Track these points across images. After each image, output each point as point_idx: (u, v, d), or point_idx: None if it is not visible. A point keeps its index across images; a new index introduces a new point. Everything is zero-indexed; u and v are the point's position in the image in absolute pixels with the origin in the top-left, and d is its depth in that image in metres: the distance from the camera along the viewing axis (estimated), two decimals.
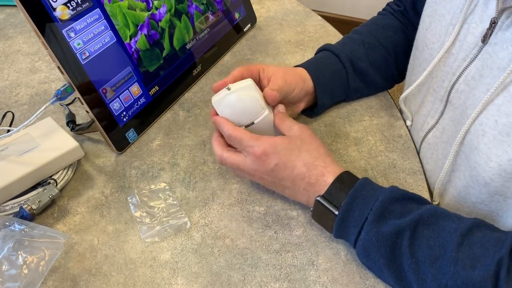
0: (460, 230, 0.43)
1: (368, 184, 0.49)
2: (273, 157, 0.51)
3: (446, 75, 0.57)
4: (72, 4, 0.57)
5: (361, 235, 0.47)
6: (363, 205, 0.47)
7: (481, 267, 0.41)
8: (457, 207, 0.56)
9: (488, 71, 0.49)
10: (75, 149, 0.59)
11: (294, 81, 0.61)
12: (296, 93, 0.61)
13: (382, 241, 0.45)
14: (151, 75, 0.68)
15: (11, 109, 0.71)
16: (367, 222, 0.46)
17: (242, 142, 0.52)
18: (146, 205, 0.56)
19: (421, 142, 0.64)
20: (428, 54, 0.61)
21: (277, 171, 0.51)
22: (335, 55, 0.67)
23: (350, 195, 0.48)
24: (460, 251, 0.42)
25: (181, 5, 0.73)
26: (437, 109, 0.60)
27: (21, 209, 0.53)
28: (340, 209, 0.48)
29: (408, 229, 0.45)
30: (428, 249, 0.44)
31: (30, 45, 0.86)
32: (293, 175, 0.51)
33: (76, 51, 0.57)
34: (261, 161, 0.51)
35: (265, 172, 0.52)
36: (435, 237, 0.44)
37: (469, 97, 0.52)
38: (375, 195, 0.48)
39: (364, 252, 0.47)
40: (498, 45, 0.48)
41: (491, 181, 0.48)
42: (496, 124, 0.47)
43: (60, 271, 0.51)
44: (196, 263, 0.51)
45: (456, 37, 0.54)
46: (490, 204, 0.51)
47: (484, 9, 0.51)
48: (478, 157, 0.49)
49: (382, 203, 0.47)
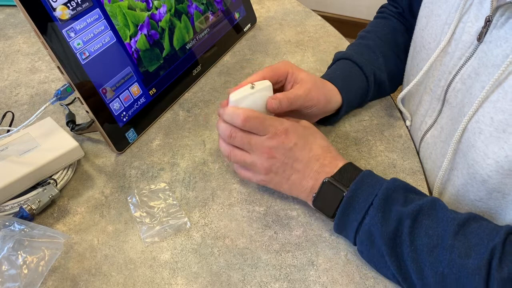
0: (458, 220, 0.45)
1: (372, 174, 0.51)
2: (294, 136, 0.52)
3: (443, 74, 0.57)
4: (72, 4, 0.57)
5: (365, 220, 0.48)
6: (368, 192, 0.48)
7: (475, 256, 0.42)
8: (456, 205, 0.56)
9: (484, 69, 0.49)
10: (75, 149, 0.59)
11: (317, 99, 0.58)
12: (312, 111, 0.59)
13: (386, 226, 0.46)
14: (151, 75, 0.68)
15: (11, 109, 0.71)
16: (373, 207, 0.47)
17: (264, 121, 0.51)
18: (146, 205, 0.56)
19: (420, 141, 0.64)
20: (425, 54, 0.61)
21: (295, 150, 0.52)
22: (359, 68, 0.65)
23: (356, 181, 0.49)
24: (456, 239, 0.43)
25: (181, 5, 0.73)
26: (434, 108, 0.60)
27: (21, 209, 0.53)
28: (349, 189, 0.49)
29: (409, 217, 0.46)
30: (427, 237, 0.45)
31: (30, 45, 0.86)
32: (310, 155, 0.52)
33: (76, 51, 0.57)
34: (282, 138, 0.51)
35: (282, 151, 0.51)
36: (434, 227, 0.45)
37: (465, 95, 0.53)
38: (379, 183, 0.49)
39: (368, 238, 0.48)
40: (493, 43, 0.48)
41: (488, 178, 0.49)
42: (492, 121, 0.47)
43: (60, 271, 0.51)
44: (196, 263, 0.51)
45: (451, 36, 0.55)
46: (488, 201, 0.51)
47: (479, 8, 0.51)
48: (476, 154, 0.49)
49: (387, 190, 0.48)
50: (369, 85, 0.66)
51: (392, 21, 0.74)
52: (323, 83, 0.61)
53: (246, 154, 0.53)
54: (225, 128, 0.53)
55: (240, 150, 0.54)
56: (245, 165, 0.55)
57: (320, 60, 0.81)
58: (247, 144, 0.52)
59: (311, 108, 0.58)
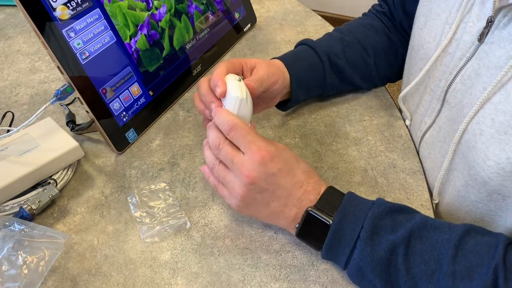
0: (453, 241, 0.43)
1: (354, 198, 0.48)
2: (278, 162, 0.48)
3: (443, 74, 0.57)
4: (72, 4, 0.57)
5: (354, 255, 0.45)
6: (353, 223, 0.46)
7: (479, 277, 0.41)
8: (456, 206, 0.56)
9: (485, 70, 0.49)
10: (75, 149, 0.59)
11: (276, 74, 0.59)
12: (278, 86, 0.59)
13: (376, 259, 0.44)
14: (151, 75, 0.68)
15: (11, 109, 0.71)
16: (360, 240, 0.45)
17: (247, 136, 0.47)
18: (146, 205, 0.56)
19: (420, 141, 0.64)
20: (423, 54, 0.61)
21: (279, 177, 0.48)
22: (312, 49, 0.66)
23: (339, 211, 0.47)
24: (456, 263, 0.42)
25: (181, 5, 0.73)
26: (434, 108, 0.60)
27: (21, 209, 0.53)
28: (333, 221, 0.46)
29: (402, 244, 0.44)
30: (424, 264, 0.43)
31: (30, 45, 0.86)
32: (293, 182, 0.49)
33: (76, 51, 0.57)
34: (264, 163, 0.47)
35: (264, 176, 0.47)
36: (429, 251, 0.43)
37: (465, 96, 0.52)
38: (363, 211, 0.46)
39: (359, 272, 0.46)
40: (495, 43, 0.48)
41: (489, 180, 0.48)
42: (493, 123, 0.47)
43: (60, 271, 0.51)
44: (196, 263, 0.51)
45: (452, 36, 0.54)
46: (489, 203, 0.51)
47: (481, 8, 0.51)
48: (476, 156, 0.49)
49: (373, 219, 0.45)
50: (324, 65, 0.66)
51: (371, 19, 0.73)
52: (271, 61, 0.62)
53: (228, 171, 0.49)
54: (215, 137, 0.49)
55: (224, 165, 0.50)
56: (224, 183, 0.50)
57: None
58: (229, 160, 0.48)
59: (276, 84, 0.59)
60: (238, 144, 0.48)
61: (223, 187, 0.51)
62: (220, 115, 0.49)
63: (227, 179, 0.49)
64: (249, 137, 0.48)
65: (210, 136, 0.50)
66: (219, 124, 0.49)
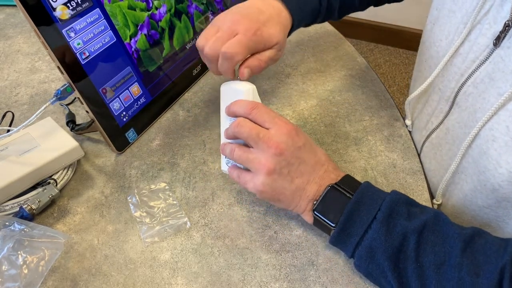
0: (463, 236, 0.43)
1: (372, 187, 0.49)
2: (303, 137, 0.50)
3: (454, 76, 0.55)
4: (72, 4, 0.57)
5: (367, 234, 0.46)
6: (369, 205, 0.47)
7: (485, 275, 0.41)
8: (462, 209, 0.55)
9: (500, 74, 0.47)
10: (75, 149, 0.59)
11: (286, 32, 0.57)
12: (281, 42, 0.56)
13: (389, 241, 0.45)
14: (151, 75, 0.68)
15: (11, 109, 0.71)
16: (376, 221, 0.46)
17: (270, 112, 0.49)
18: (146, 205, 0.56)
19: (424, 141, 0.63)
20: (434, 51, 0.59)
21: (303, 151, 0.49)
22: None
23: (358, 192, 0.48)
24: (464, 257, 0.42)
25: (181, 5, 0.73)
26: (442, 109, 0.59)
27: (21, 209, 0.53)
28: (353, 198, 0.47)
29: (415, 233, 0.44)
30: (433, 254, 0.43)
31: (30, 45, 0.86)
32: (315, 159, 0.50)
33: (76, 51, 0.57)
34: (292, 135, 0.48)
35: (292, 148, 0.48)
36: (439, 243, 0.44)
37: (478, 100, 0.51)
38: (380, 197, 0.47)
39: (369, 253, 0.46)
40: (511, 49, 0.46)
41: (499, 187, 0.47)
42: (508, 130, 0.46)
43: (60, 271, 0.51)
44: (196, 263, 0.51)
45: (466, 37, 0.53)
46: (497, 209, 0.50)
47: (499, 10, 0.49)
48: (487, 162, 0.48)
49: (390, 204, 0.46)
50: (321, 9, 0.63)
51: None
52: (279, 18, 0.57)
53: (250, 150, 0.49)
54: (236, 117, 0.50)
55: (244, 147, 0.50)
56: (247, 163, 0.49)
57: (320, 60, 0.81)
58: (254, 135, 0.48)
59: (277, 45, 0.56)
60: (262, 119, 0.49)
61: (244, 173, 0.50)
62: (237, 102, 0.50)
63: (250, 157, 0.49)
64: (272, 113, 0.49)
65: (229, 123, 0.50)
66: (239, 107, 0.50)
